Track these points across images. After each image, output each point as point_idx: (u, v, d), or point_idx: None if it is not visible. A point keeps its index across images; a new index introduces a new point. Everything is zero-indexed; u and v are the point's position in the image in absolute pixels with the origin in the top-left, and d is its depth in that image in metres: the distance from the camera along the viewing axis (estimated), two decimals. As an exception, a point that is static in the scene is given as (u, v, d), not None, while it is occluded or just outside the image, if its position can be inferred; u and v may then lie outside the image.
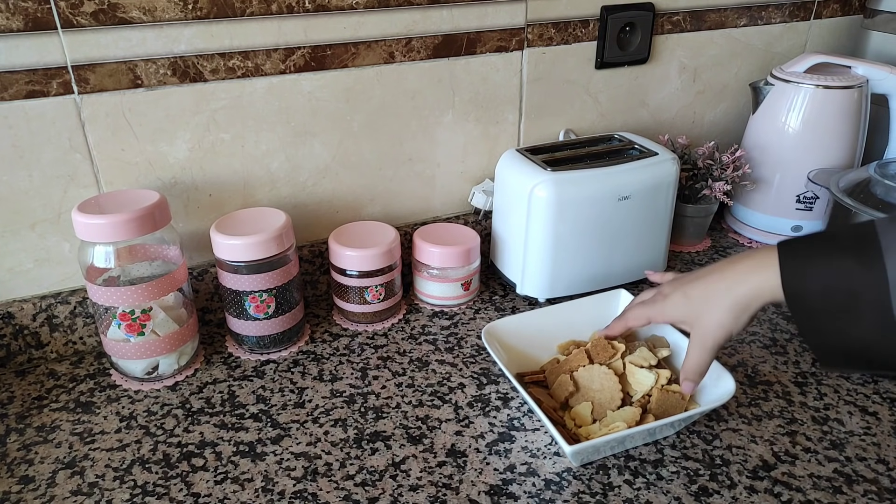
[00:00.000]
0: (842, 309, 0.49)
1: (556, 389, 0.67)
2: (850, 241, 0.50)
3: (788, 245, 0.53)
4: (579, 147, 0.88)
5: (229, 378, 0.73)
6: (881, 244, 0.48)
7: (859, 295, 0.48)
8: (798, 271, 0.51)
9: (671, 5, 0.94)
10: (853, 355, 0.50)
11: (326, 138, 0.82)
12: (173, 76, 0.72)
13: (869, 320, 0.47)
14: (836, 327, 0.50)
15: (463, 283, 0.84)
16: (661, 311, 0.62)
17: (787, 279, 0.52)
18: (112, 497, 0.58)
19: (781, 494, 0.58)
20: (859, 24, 1.08)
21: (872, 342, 0.48)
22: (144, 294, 0.68)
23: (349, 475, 0.60)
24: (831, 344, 0.51)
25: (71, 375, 0.74)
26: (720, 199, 0.94)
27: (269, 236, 0.71)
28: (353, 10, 0.77)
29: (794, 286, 0.51)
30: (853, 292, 0.48)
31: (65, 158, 0.71)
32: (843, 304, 0.49)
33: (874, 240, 0.48)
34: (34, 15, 0.64)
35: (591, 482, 0.59)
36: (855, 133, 0.93)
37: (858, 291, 0.48)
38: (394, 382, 0.72)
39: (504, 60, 0.87)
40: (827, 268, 0.50)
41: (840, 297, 0.49)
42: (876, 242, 0.48)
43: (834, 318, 0.49)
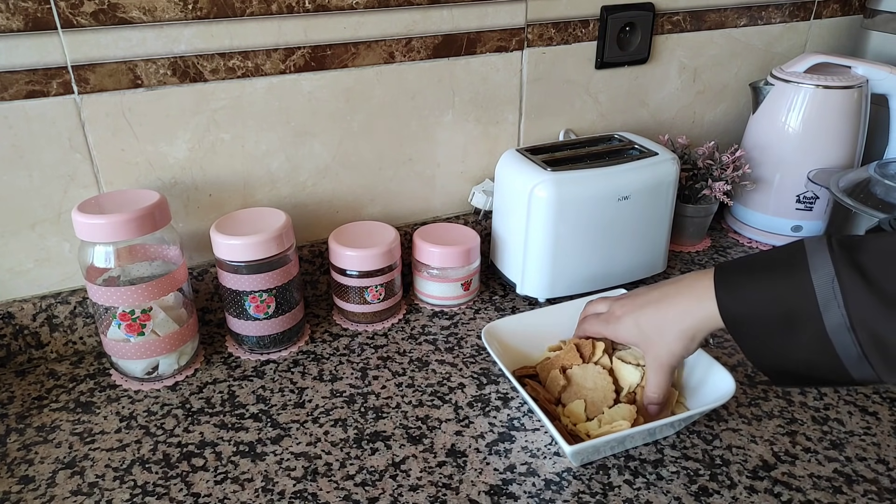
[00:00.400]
0: (780, 330, 0.50)
1: (548, 385, 0.67)
2: (780, 262, 0.51)
3: (723, 272, 0.55)
4: (579, 147, 0.88)
5: (229, 378, 0.73)
6: (808, 263, 0.49)
7: (796, 319, 0.49)
8: (733, 298, 0.53)
9: (671, 5, 0.94)
10: (800, 375, 0.51)
11: (326, 138, 0.82)
12: (173, 76, 0.72)
13: (806, 339, 0.49)
14: (779, 349, 0.51)
15: (463, 283, 0.84)
16: (615, 332, 0.64)
17: (724, 308, 0.53)
18: (112, 497, 0.58)
19: (781, 494, 0.58)
20: (859, 24, 1.08)
21: (815, 360, 0.49)
22: (144, 294, 0.68)
23: (349, 475, 0.60)
24: (778, 366, 0.52)
25: (71, 375, 0.74)
26: (720, 199, 0.94)
27: (269, 236, 0.71)
28: (353, 10, 0.77)
29: (732, 313, 0.53)
30: (787, 313, 0.49)
31: (65, 158, 0.71)
32: (781, 325, 0.50)
33: (802, 258, 0.49)
34: (34, 15, 0.65)
35: (591, 482, 0.59)
36: (855, 133, 0.93)
37: (792, 312, 0.49)
38: (394, 382, 0.72)
39: (504, 60, 0.87)
40: (759, 291, 0.51)
41: (776, 318, 0.50)
42: (804, 261, 0.49)
43: (774, 341, 0.51)
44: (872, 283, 0.46)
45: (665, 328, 0.59)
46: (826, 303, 0.47)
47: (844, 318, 0.47)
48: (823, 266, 0.48)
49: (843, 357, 0.48)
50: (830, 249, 0.49)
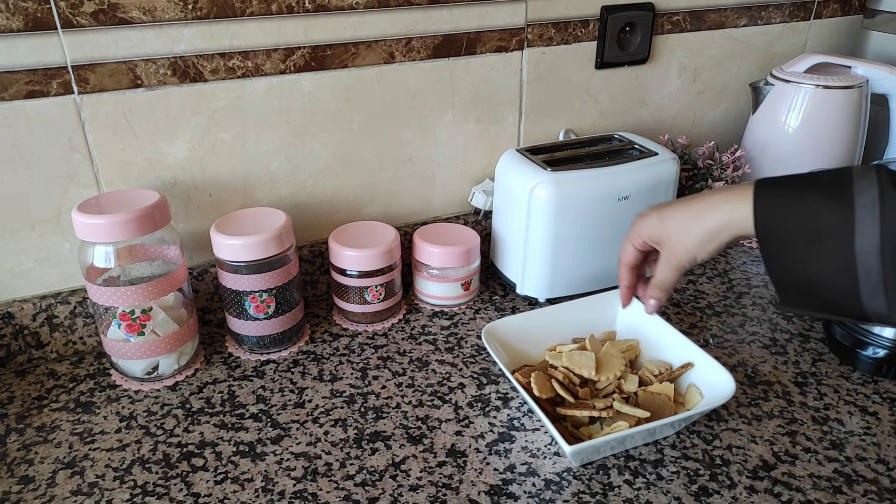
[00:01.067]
0: (807, 243, 0.50)
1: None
2: (825, 179, 0.51)
3: (766, 181, 0.54)
4: (579, 147, 0.88)
5: (229, 378, 0.73)
6: (853, 182, 0.49)
7: (826, 233, 0.49)
8: (770, 206, 0.53)
9: (671, 5, 0.94)
10: (808, 291, 0.51)
11: (326, 138, 0.82)
12: (173, 76, 0.72)
13: (831, 253, 0.48)
14: (800, 258, 0.50)
15: (463, 283, 0.84)
16: (638, 230, 0.64)
17: (759, 212, 0.53)
18: (112, 497, 0.58)
19: (781, 494, 0.58)
20: (859, 24, 1.08)
21: (832, 277, 0.49)
22: (144, 294, 0.68)
23: (349, 475, 0.60)
24: (792, 276, 0.51)
25: (71, 375, 0.74)
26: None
27: (269, 236, 0.71)
28: (353, 10, 0.77)
29: (766, 219, 0.53)
30: (820, 231, 0.49)
31: (65, 158, 0.71)
32: (811, 236, 0.50)
33: (848, 178, 0.49)
34: (34, 15, 0.65)
35: (591, 482, 0.59)
36: (855, 133, 0.93)
37: (826, 230, 0.49)
38: (394, 382, 0.72)
39: (504, 60, 0.87)
40: (799, 205, 0.51)
41: (807, 232, 0.50)
42: (849, 180, 0.49)
43: (799, 249, 0.50)
44: None
45: (686, 222, 0.58)
46: (862, 220, 0.47)
47: (876, 239, 0.46)
48: (869, 188, 0.48)
49: (862, 279, 0.47)
50: (879, 175, 0.48)
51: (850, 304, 0.48)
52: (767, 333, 0.80)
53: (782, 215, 0.52)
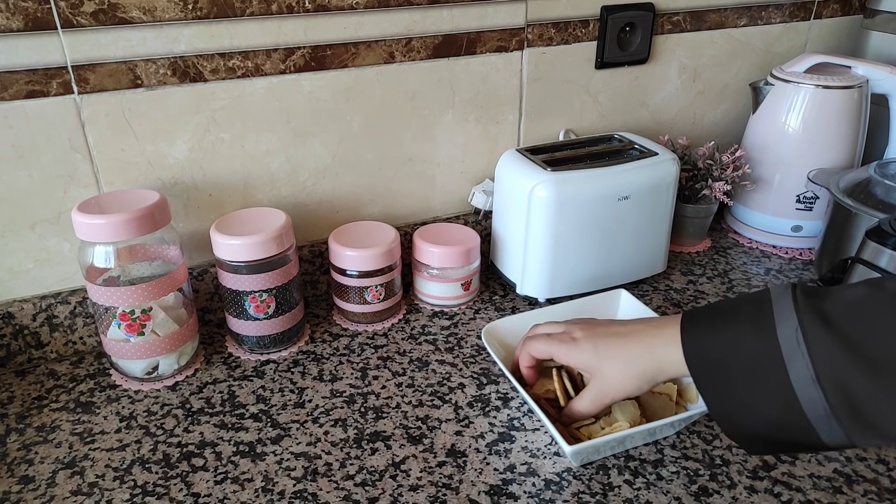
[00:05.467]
0: (745, 382, 0.48)
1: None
2: (747, 310, 0.49)
3: (690, 318, 0.53)
4: (579, 147, 0.88)
5: (229, 378, 0.73)
6: (773, 311, 0.47)
7: (758, 366, 0.47)
8: (698, 345, 0.51)
9: (671, 5, 0.94)
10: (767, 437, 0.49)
11: (326, 138, 0.82)
12: (173, 76, 0.72)
13: (772, 394, 0.46)
14: (745, 406, 0.48)
15: (463, 283, 0.84)
16: (568, 353, 0.60)
17: (689, 355, 0.51)
18: (112, 497, 0.58)
19: (781, 494, 0.58)
20: (859, 24, 1.08)
21: (782, 420, 0.46)
22: (144, 294, 0.68)
23: (349, 475, 0.60)
24: (746, 426, 0.49)
25: (71, 375, 0.74)
26: (720, 200, 0.94)
27: (269, 236, 0.71)
28: (353, 10, 0.77)
29: (696, 360, 0.51)
30: (752, 364, 0.47)
31: (65, 158, 0.71)
32: (746, 376, 0.48)
33: (768, 306, 0.48)
34: (34, 15, 0.65)
35: (591, 482, 0.59)
36: (855, 133, 0.93)
37: (756, 363, 0.47)
38: (394, 382, 0.72)
39: (504, 60, 0.87)
40: (725, 339, 0.49)
41: (741, 368, 0.48)
42: (769, 309, 0.47)
43: (740, 395, 0.48)
44: (836, 332, 0.44)
45: (625, 361, 0.57)
46: (790, 353, 0.45)
47: (810, 370, 0.44)
48: (787, 315, 0.46)
49: (811, 415, 0.45)
50: (794, 298, 0.47)
51: (810, 439, 0.46)
52: (767, 333, 0.79)
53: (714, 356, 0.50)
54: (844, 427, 0.44)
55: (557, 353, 0.61)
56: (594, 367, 0.58)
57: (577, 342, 0.60)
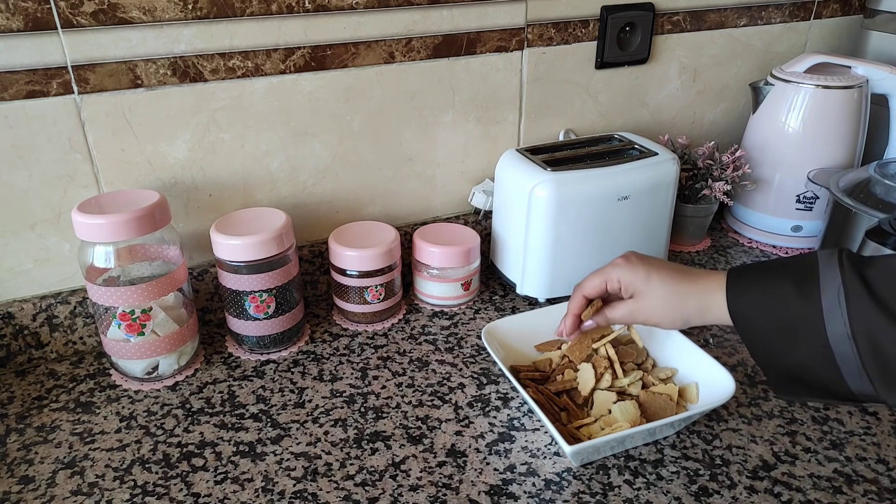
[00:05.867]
0: (784, 334, 0.52)
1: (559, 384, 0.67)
2: (792, 269, 0.53)
3: (736, 271, 0.57)
4: (579, 147, 0.88)
5: (229, 378, 0.73)
6: (819, 272, 0.51)
7: (799, 326, 0.50)
8: (742, 296, 0.55)
9: (671, 5, 0.94)
10: (796, 380, 0.52)
11: (326, 138, 0.82)
12: (173, 76, 0.72)
13: (808, 346, 0.50)
14: (779, 351, 0.52)
15: (463, 283, 0.84)
16: (620, 272, 0.63)
17: (733, 306, 0.55)
18: (112, 497, 0.58)
19: (781, 494, 0.58)
20: (859, 24, 1.08)
21: (815, 369, 0.50)
22: (144, 294, 0.68)
23: (349, 475, 0.60)
24: (775, 367, 0.53)
25: (71, 375, 0.74)
26: (720, 199, 0.94)
27: (269, 236, 0.71)
28: (353, 10, 0.77)
29: (739, 310, 0.55)
30: (792, 318, 0.51)
31: (65, 158, 0.71)
32: (785, 329, 0.51)
33: (814, 268, 0.51)
34: (34, 15, 0.65)
35: (591, 482, 0.59)
36: (855, 133, 0.93)
37: (797, 317, 0.51)
38: (394, 382, 0.72)
39: (504, 60, 0.87)
40: (770, 295, 0.53)
41: (781, 322, 0.52)
42: (815, 271, 0.51)
43: (777, 344, 0.52)
44: (877, 296, 0.47)
45: (670, 294, 0.60)
46: (830, 311, 0.49)
47: (846, 327, 0.48)
48: (832, 277, 0.50)
49: (843, 367, 0.48)
50: (840, 262, 0.50)
51: (841, 390, 0.50)
52: (767, 333, 0.79)
53: (756, 310, 0.53)
54: (874, 383, 0.48)
55: (610, 273, 0.64)
56: (641, 287, 0.62)
57: (631, 262, 0.63)
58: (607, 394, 0.65)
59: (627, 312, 0.63)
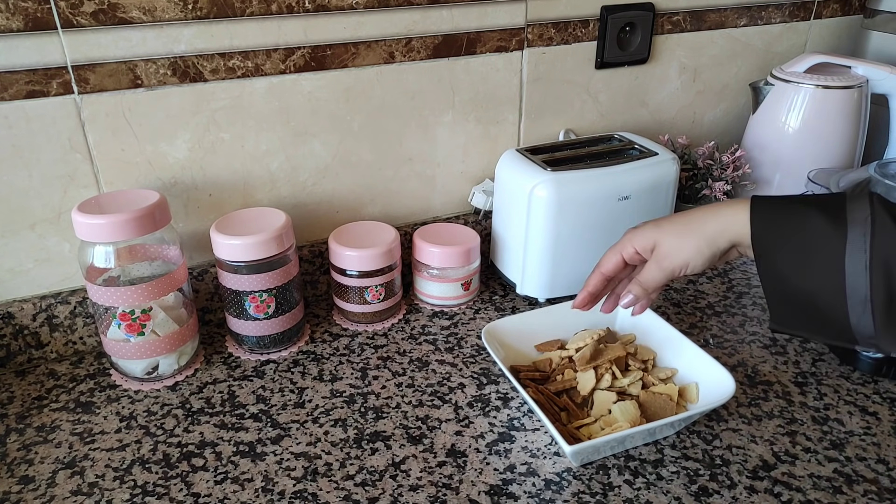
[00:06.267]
0: (798, 255, 0.51)
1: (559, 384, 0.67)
2: (820, 202, 0.53)
3: (761, 196, 0.56)
4: (579, 147, 0.88)
5: (229, 378, 0.73)
6: (846, 203, 0.51)
7: (817, 247, 0.50)
8: (766, 216, 0.54)
9: (671, 5, 0.94)
10: (798, 306, 0.52)
11: (326, 138, 0.82)
12: (173, 76, 0.72)
13: (820, 271, 0.50)
14: (789, 271, 0.52)
15: (463, 283, 0.84)
16: (631, 238, 0.62)
17: (755, 219, 0.54)
18: (112, 497, 0.58)
19: (781, 494, 0.58)
20: (859, 24, 1.08)
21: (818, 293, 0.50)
22: (144, 294, 0.68)
23: (349, 475, 0.60)
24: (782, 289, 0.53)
25: (71, 375, 0.74)
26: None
27: (269, 236, 0.71)
28: (353, 10, 0.77)
29: (761, 227, 0.54)
30: (812, 244, 0.51)
31: (65, 158, 0.71)
32: (801, 251, 0.51)
33: (842, 200, 0.51)
34: (34, 15, 0.65)
35: (591, 482, 0.59)
36: (855, 133, 0.93)
37: (817, 244, 0.50)
38: (394, 382, 0.72)
39: (504, 60, 0.87)
40: (793, 219, 0.52)
41: (800, 245, 0.51)
42: (842, 202, 0.51)
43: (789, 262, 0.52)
44: None
45: (687, 229, 0.59)
46: (853, 237, 0.49)
47: (866, 255, 0.48)
48: (861, 208, 0.50)
49: (850, 296, 0.48)
50: (871, 199, 0.50)
51: (839, 323, 0.49)
52: (767, 333, 0.80)
53: (777, 226, 0.53)
54: (875, 316, 0.48)
55: (623, 243, 0.63)
56: (655, 238, 0.60)
57: (639, 226, 0.63)
58: (607, 394, 0.65)
59: (654, 265, 0.61)
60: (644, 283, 0.62)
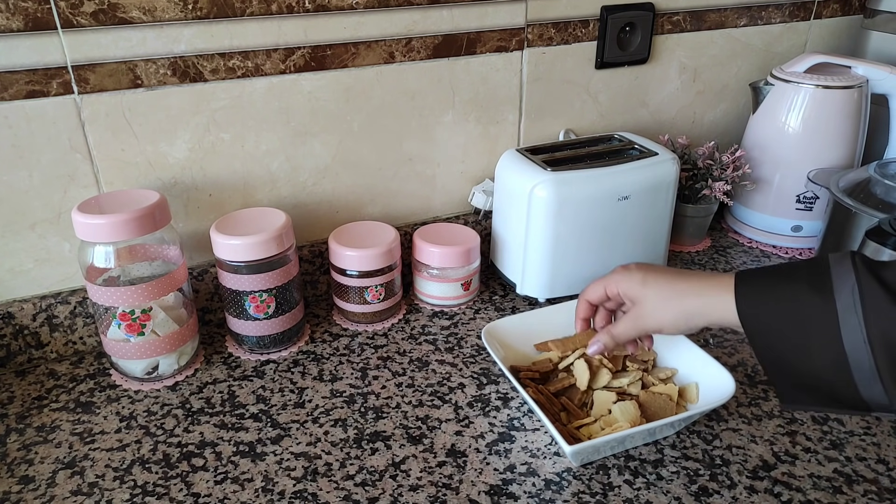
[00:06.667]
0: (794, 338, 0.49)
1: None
2: (803, 271, 0.51)
3: (747, 273, 0.54)
4: (579, 147, 0.88)
5: (229, 378, 0.73)
6: (831, 273, 0.49)
7: (812, 328, 0.48)
8: (753, 300, 0.52)
9: (671, 5, 0.94)
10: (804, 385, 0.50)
11: (326, 138, 0.82)
12: (173, 76, 0.72)
13: (820, 351, 0.48)
14: (788, 354, 0.50)
15: (463, 283, 0.84)
16: (617, 280, 0.62)
17: (742, 305, 0.52)
18: (112, 497, 0.58)
19: (781, 494, 0.58)
20: (859, 24, 1.08)
21: (826, 374, 0.48)
22: (144, 294, 0.68)
23: (349, 475, 0.60)
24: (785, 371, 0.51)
25: (71, 375, 0.74)
26: (720, 199, 0.94)
27: (269, 236, 0.71)
28: (353, 10, 0.77)
29: (749, 311, 0.52)
30: (806, 325, 0.49)
31: (65, 158, 0.71)
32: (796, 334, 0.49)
33: (826, 269, 0.49)
34: (34, 15, 0.65)
35: (591, 482, 0.59)
36: (855, 133, 0.93)
37: (811, 325, 0.48)
38: (394, 382, 0.72)
39: (504, 60, 0.87)
40: (781, 299, 0.51)
41: (793, 324, 0.49)
42: (827, 272, 0.49)
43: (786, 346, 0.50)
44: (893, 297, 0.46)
45: (669, 298, 0.58)
46: (845, 311, 0.47)
47: (861, 329, 0.46)
48: (846, 277, 0.48)
49: (856, 372, 0.47)
50: (853, 263, 0.49)
51: (850, 396, 0.48)
52: (767, 333, 0.79)
53: (765, 310, 0.51)
54: (887, 389, 0.46)
55: (609, 280, 0.63)
56: (638, 294, 0.60)
57: (629, 269, 0.62)
58: (607, 394, 0.65)
59: (630, 321, 0.61)
60: (615, 336, 0.63)
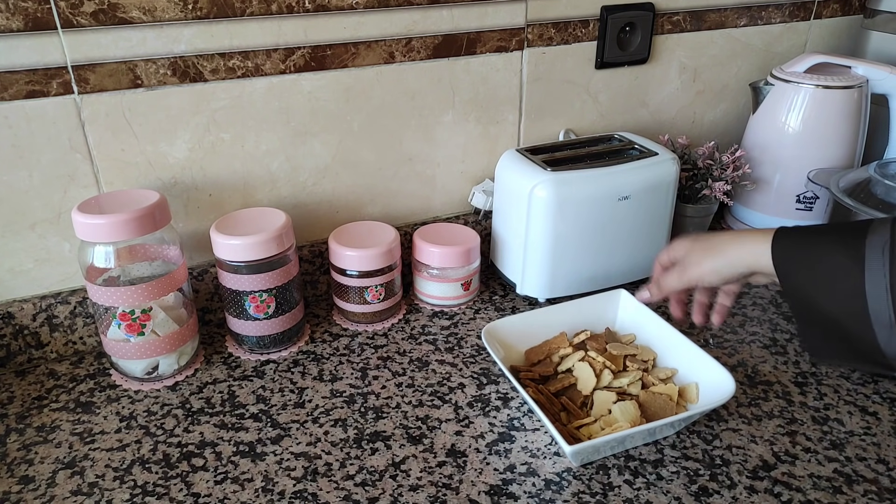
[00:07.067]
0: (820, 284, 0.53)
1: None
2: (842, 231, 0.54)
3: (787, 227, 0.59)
4: (579, 147, 0.88)
5: (229, 378, 0.73)
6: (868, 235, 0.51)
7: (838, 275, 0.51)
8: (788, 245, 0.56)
9: (671, 5, 0.94)
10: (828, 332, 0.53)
11: (326, 138, 0.82)
12: (173, 76, 0.72)
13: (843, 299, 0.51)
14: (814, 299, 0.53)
15: (463, 283, 0.84)
16: (675, 245, 0.67)
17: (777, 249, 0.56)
18: (112, 497, 0.58)
19: (781, 494, 0.58)
20: (859, 24, 1.08)
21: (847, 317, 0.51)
22: (144, 294, 0.68)
23: (349, 475, 0.60)
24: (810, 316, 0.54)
25: (71, 375, 0.74)
26: (720, 199, 0.94)
27: (269, 236, 0.71)
28: (353, 10, 0.77)
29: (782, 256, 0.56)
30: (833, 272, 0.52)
31: (65, 158, 0.71)
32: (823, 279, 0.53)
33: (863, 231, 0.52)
34: (34, 15, 0.65)
35: (591, 482, 0.59)
36: (855, 133, 0.93)
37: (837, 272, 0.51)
38: (394, 382, 0.72)
39: (504, 60, 0.87)
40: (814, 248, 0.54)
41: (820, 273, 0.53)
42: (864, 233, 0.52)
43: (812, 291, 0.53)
44: None
45: (712, 246, 0.63)
46: (872, 263, 0.49)
47: (885, 279, 0.48)
48: (882, 232, 0.50)
49: (874, 318, 0.49)
50: (892, 223, 0.51)
51: (869, 347, 0.50)
52: (767, 333, 0.80)
53: (798, 255, 0.55)
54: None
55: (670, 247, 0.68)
56: (686, 249, 0.66)
57: (680, 238, 0.68)
58: (607, 394, 0.65)
59: (676, 273, 0.66)
60: (661, 285, 0.68)
